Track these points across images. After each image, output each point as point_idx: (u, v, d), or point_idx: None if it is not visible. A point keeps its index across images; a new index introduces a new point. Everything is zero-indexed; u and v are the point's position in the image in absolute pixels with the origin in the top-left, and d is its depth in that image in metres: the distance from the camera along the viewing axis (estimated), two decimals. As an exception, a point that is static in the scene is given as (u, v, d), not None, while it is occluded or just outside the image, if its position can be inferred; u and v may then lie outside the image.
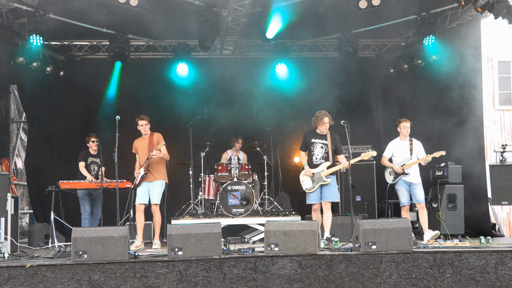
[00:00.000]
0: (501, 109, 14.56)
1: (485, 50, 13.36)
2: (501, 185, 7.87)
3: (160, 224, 8.25)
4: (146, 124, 8.21)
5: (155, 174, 8.20)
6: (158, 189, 8.19)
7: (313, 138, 8.10)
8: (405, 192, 8.17)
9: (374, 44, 10.70)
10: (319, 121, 8.01)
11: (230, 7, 8.53)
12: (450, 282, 6.39)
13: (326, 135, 8.08)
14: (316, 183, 8.00)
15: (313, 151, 8.08)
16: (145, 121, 8.20)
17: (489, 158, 13.13)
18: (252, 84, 10.32)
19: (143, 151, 8.25)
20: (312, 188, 8.02)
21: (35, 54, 8.94)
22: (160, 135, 8.34)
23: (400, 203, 8.23)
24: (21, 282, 6.08)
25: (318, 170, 8.00)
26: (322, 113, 8.03)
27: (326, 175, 7.96)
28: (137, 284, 6.19)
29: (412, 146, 8.23)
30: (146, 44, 10.42)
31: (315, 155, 8.07)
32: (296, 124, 10.31)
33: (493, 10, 8.07)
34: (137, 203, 8.16)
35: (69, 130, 10.17)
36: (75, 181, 8.67)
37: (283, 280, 6.32)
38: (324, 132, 8.07)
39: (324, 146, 8.06)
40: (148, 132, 8.29)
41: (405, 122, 8.24)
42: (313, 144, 8.08)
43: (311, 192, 8.05)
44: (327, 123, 8.00)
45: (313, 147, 8.08)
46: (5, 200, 7.15)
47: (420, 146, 8.30)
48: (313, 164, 8.08)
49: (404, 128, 8.23)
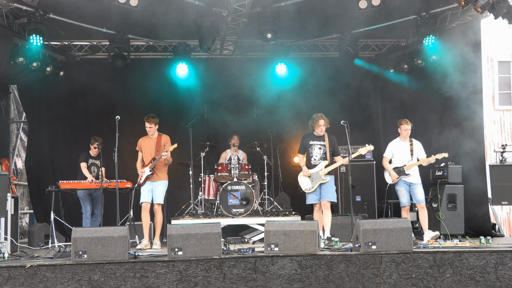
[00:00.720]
0: (501, 109, 14.56)
1: (485, 50, 13.38)
2: (501, 185, 7.88)
3: (161, 224, 8.26)
4: (150, 127, 8.23)
5: (160, 174, 8.25)
6: (161, 189, 8.23)
7: (310, 140, 8.24)
8: (405, 192, 8.18)
9: (374, 44, 10.69)
10: (315, 124, 8.15)
11: (230, 7, 8.52)
12: (450, 282, 6.39)
13: (324, 137, 8.20)
14: (315, 182, 8.07)
15: (311, 152, 8.20)
16: (148, 123, 8.22)
17: (489, 158, 13.14)
18: (252, 84, 10.31)
19: (149, 150, 8.27)
20: (311, 188, 8.10)
21: (35, 54, 8.93)
22: (168, 138, 8.37)
23: (400, 204, 8.24)
24: (21, 282, 6.09)
25: (316, 170, 8.11)
26: (318, 116, 8.17)
27: (324, 174, 8.04)
28: (137, 284, 6.19)
29: (412, 147, 8.24)
30: (146, 44, 10.42)
31: (313, 156, 8.18)
32: (296, 124, 10.31)
33: (493, 10, 8.07)
34: (143, 202, 8.19)
35: (69, 130, 10.17)
36: (75, 181, 8.68)
37: (283, 280, 6.32)
38: (321, 134, 8.18)
39: (322, 147, 8.17)
40: (155, 133, 8.31)
41: (406, 125, 8.23)
42: (311, 146, 8.20)
43: (310, 192, 8.12)
44: (323, 125, 8.13)
45: (311, 149, 8.20)
46: (5, 200, 7.15)
47: (420, 147, 8.31)
48: (311, 165, 8.18)
49: (404, 131, 8.24)
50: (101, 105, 10.35)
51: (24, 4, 8.51)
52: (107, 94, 10.23)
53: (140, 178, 8.27)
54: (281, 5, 8.67)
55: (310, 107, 10.02)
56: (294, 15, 9.07)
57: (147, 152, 8.30)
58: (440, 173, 8.92)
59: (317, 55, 10.81)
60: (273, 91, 10.41)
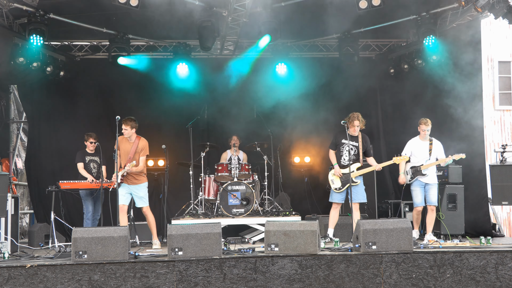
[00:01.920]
0: (501, 109, 14.56)
1: (485, 50, 13.38)
2: (501, 185, 7.88)
3: (155, 223, 8.19)
4: (126, 129, 7.87)
5: (137, 177, 7.98)
6: (143, 192, 8.02)
7: (343, 138, 8.05)
8: (420, 193, 8.08)
9: (374, 44, 10.69)
10: (350, 123, 7.97)
11: (230, 7, 8.52)
12: (450, 282, 6.39)
13: (358, 137, 8.05)
14: (344, 183, 7.96)
15: (342, 151, 8.05)
16: (124, 125, 7.86)
17: (489, 158, 13.13)
18: (252, 84, 10.31)
19: (125, 153, 7.97)
20: (340, 188, 8.01)
21: (35, 54, 8.93)
22: (145, 144, 8.01)
23: (414, 204, 8.16)
24: (21, 282, 6.08)
25: (348, 171, 7.88)
26: (354, 115, 8.00)
27: (355, 176, 7.93)
28: (137, 284, 6.19)
29: (431, 146, 8.11)
30: (146, 44, 10.42)
31: (343, 156, 8.04)
32: (296, 124, 10.32)
33: (493, 10, 8.09)
34: (121, 204, 7.88)
35: (69, 130, 10.15)
36: (75, 181, 8.66)
37: (283, 280, 6.32)
38: (354, 134, 8.04)
39: (354, 148, 8.01)
40: (133, 136, 7.98)
41: (424, 125, 8.06)
42: (343, 145, 8.05)
43: (339, 192, 8.03)
44: (357, 126, 7.97)
45: (342, 148, 8.05)
46: (5, 200, 7.15)
47: (440, 147, 8.18)
48: (340, 165, 8.05)
49: (422, 131, 8.08)
50: (101, 105, 10.35)
51: (24, 4, 8.51)
52: (107, 94, 10.22)
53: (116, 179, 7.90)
54: (281, 5, 8.67)
55: (310, 107, 10.03)
56: (294, 15, 9.07)
57: (124, 154, 7.99)
58: (441, 173, 8.91)
59: (317, 55, 10.80)
60: (273, 91, 10.41)
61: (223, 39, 10.01)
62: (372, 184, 9.93)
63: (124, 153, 8.01)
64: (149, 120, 10.04)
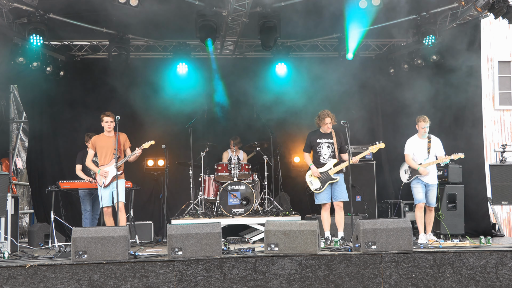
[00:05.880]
0: (501, 109, 14.57)
1: (485, 50, 13.41)
2: (501, 185, 7.88)
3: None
4: (112, 122, 7.92)
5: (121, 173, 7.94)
6: (123, 187, 7.95)
7: (318, 138, 8.04)
8: (421, 189, 7.91)
9: (374, 44, 10.69)
10: (321, 121, 7.97)
11: (230, 7, 8.52)
12: (450, 282, 6.39)
13: (331, 134, 8.00)
14: (324, 182, 7.92)
15: (320, 151, 8.01)
16: (111, 118, 7.92)
17: (489, 158, 13.14)
18: (252, 84, 10.31)
19: (107, 149, 7.92)
20: (321, 188, 7.93)
21: (35, 54, 8.94)
22: (126, 136, 8.06)
23: (415, 201, 7.95)
24: (21, 282, 6.09)
25: (325, 169, 7.92)
26: (324, 113, 7.96)
27: (334, 173, 7.90)
28: (137, 284, 6.20)
29: (430, 144, 7.97)
30: (146, 44, 10.42)
31: (322, 155, 7.99)
32: (296, 124, 10.32)
33: (493, 10, 8.09)
34: (105, 207, 7.83)
35: (69, 130, 10.16)
36: (75, 181, 8.67)
37: (283, 280, 6.32)
38: (327, 132, 8.01)
39: (330, 145, 7.98)
40: (112, 131, 7.97)
41: (423, 122, 7.93)
42: (319, 144, 8.02)
43: (320, 192, 7.95)
44: (329, 123, 7.93)
45: (319, 147, 8.01)
46: (5, 200, 7.15)
47: (439, 144, 8.04)
48: (320, 164, 7.99)
49: (422, 128, 7.93)
50: (101, 105, 10.34)
51: (24, 4, 8.50)
52: (107, 94, 10.23)
53: (104, 179, 7.86)
54: (281, 5, 8.66)
55: (310, 107, 10.02)
56: (294, 15, 9.06)
57: (105, 151, 7.92)
58: (440, 173, 8.91)
59: (317, 55, 10.80)
60: (273, 91, 10.41)
61: (223, 39, 10.02)
62: (372, 184, 9.95)
63: (107, 149, 7.93)
64: (149, 120, 10.05)
